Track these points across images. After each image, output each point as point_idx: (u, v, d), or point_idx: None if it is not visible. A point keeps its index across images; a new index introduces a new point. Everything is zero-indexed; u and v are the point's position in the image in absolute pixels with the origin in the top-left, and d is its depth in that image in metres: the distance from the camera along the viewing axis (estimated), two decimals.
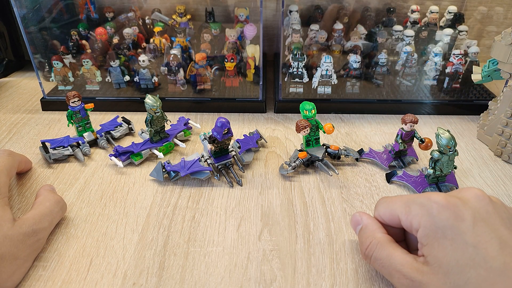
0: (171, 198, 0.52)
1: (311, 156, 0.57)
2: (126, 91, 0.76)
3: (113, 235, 0.46)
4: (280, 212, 0.50)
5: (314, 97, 0.74)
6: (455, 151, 0.50)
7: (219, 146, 0.54)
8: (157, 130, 0.60)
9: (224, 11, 0.86)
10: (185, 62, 0.76)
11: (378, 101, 0.74)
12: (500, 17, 0.84)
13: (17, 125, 0.70)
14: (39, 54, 0.75)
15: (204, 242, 0.46)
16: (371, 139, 0.66)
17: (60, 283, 0.41)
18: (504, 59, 0.59)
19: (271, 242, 0.46)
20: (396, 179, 0.55)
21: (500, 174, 0.58)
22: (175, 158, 0.61)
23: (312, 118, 0.57)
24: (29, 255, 0.41)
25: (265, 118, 0.73)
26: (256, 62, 0.76)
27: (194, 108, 0.74)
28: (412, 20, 0.81)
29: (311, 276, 0.42)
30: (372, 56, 0.78)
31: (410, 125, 0.55)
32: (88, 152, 0.60)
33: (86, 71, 0.74)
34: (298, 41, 0.76)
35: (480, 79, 0.64)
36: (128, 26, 0.80)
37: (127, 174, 0.57)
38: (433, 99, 0.74)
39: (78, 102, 0.60)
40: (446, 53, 0.76)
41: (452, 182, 0.54)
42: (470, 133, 0.68)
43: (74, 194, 0.53)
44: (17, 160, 0.53)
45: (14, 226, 0.41)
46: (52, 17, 0.79)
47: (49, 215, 0.45)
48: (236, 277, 0.41)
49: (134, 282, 0.41)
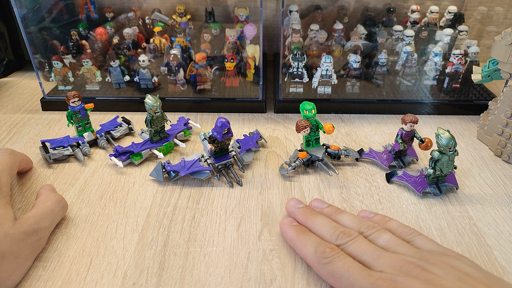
0: (171, 198, 0.52)
1: (311, 156, 0.57)
2: (126, 91, 0.76)
3: (113, 235, 0.46)
4: (280, 212, 0.50)
5: (314, 97, 0.74)
6: (455, 151, 0.50)
7: (219, 146, 0.54)
8: (157, 130, 0.60)
9: (224, 11, 0.86)
10: (185, 62, 0.76)
11: (378, 101, 0.74)
12: (500, 17, 0.84)
13: (17, 125, 0.70)
14: (39, 54, 0.75)
15: (204, 242, 0.46)
16: (371, 139, 0.66)
17: (60, 283, 0.41)
18: (504, 59, 0.59)
19: (271, 242, 0.46)
20: (396, 179, 0.55)
21: (500, 174, 0.58)
22: (175, 158, 0.61)
23: (312, 118, 0.57)
24: (30, 254, 0.41)
25: (265, 118, 0.73)
26: (256, 62, 0.76)
27: (194, 108, 0.74)
28: (412, 20, 0.81)
29: (311, 276, 0.42)
30: (372, 56, 0.78)
31: (410, 125, 0.55)
32: (88, 152, 0.60)
33: (86, 71, 0.74)
34: (298, 41, 0.76)
35: (480, 79, 0.64)
36: (128, 26, 0.80)
37: (127, 174, 0.57)
38: (433, 99, 0.74)
39: (78, 102, 0.60)
40: (446, 53, 0.76)
41: (452, 182, 0.54)
42: (470, 133, 0.68)
43: (74, 194, 0.53)
44: (18, 159, 0.53)
45: (16, 224, 0.41)
46: (52, 17, 0.79)
47: (50, 215, 0.45)
48: (236, 277, 0.41)
49: (134, 282, 0.41)
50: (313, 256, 0.40)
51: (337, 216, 0.45)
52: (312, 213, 0.45)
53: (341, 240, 0.40)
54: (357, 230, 0.42)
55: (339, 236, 0.41)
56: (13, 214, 0.43)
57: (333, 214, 0.46)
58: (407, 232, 0.42)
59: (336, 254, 0.38)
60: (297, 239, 0.42)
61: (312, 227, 0.44)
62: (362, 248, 0.39)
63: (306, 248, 0.41)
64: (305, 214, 0.45)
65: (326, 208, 0.47)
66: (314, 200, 0.49)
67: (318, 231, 0.43)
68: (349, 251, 0.39)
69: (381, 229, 0.42)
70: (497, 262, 0.44)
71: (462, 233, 0.47)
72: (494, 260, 0.44)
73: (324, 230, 0.42)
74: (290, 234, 0.43)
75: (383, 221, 0.44)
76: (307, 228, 0.44)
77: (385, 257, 0.37)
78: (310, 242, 0.41)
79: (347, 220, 0.44)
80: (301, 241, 0.42)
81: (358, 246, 0.39)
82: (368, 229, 0.42)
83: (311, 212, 0.46)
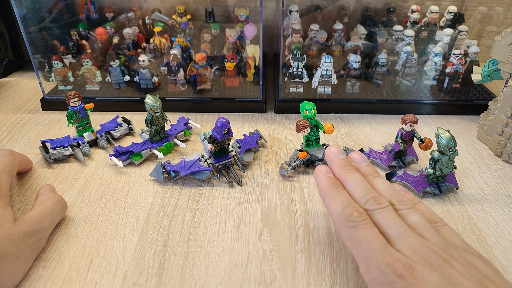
0: (171, 198, 0.52)
1: (311, 156, 0.57)
2: (126, 91, 0.76)
3: (113, 235, 0.46)
4: (280, 212, 0.50)
5: (314, 97, 0.74)
6: (455, 151, 0.50)
7: (219, 146, 0.54)
8: (157, 130, 0.60)
9: (224, 11, 0.86)
10: (185, 62, 0.76)
11: (378, 101, 0.74)
12: (500, 17, 0.84)
13: (17, 125, 0.70)
14: (39, 54, 0.75)
15: (204, 242, 0.46)
16: (371, 139, 0.66)
17: (60, 283, 0.41)
18: (504, 59, 0.59)
19: (271, 242, 0.46)
20: (396, 179, 0.55)
21: (500, 174, 0.58)
22: (175, 158, 0.61)
23: (312, 118, 0.57)
24: (30, 255, 0.41)
25: (265, 118, 0.73)
26: (256, 62, 0.76)
27: (194, 108, 0.74)
28: (412, 20, 0.81)
29: (311, 276, 0.42)
30: (372, 56, 0.78)
31: (410, 125, 0.55)
32: (88, 152, 0.60)
33: (86, 71, 0.74)
34: (298, 41, 0.76)
35: (480, 79, 0.64)
36: (128, 26, 0.80)
37: (127, 174, 0.57)
38: (433, 99, 0.74)
39: (78, 102, 0.60)
40: (446, 53, 0.76)
41: (452, 182, 0.54)
42: (470, 133, 0.68)
43: (74, 194, 0.53)
44: (18, 159, 0.53)
45: (15, 225, 0.41)
46: (52, 17, 0.79)
47: (50, 215, 0.45)
48: (236, 277, 0.41)
49: (134, 282, 0.41)
50: (339, 214, 0.38)
51: (373, 179, 0.43)
52: (350, 168, 0.43)
53: (370, 205, 0.39)
54: (389, 200, 0.40)
55: (369, 201, 0.39)
56: (12, 215, 0.43)
57: (370, 175, 0.44)
58: (435, 219, 0.40)
59: (363, 220, 0.37)
60: (328, 191, 0.41)
61: (345, 182, 0.42)
62: (390, 220, 0.37)
63: (334, 204, 0.39)
64: (342, 167, 0.43)
65: (365, 167, 0.45)
66: (354, 153, 0.46)
67: (350, 189, 0.41)
68: (376, 219, 0.38)
69: (412, 208, 0.40)
70: (497, 261, 0.44)
71: (462, 233, 0.47)
72: (494, 259, 0.44)
73: (357, 190, 0.40)
74: (322, 185, 0.42)
75: (414, 201, 0.43)
76: (340, 182, 0.42)
77: (410, 236, 0.36)
78: (340, 199, 0.39)
79: (382, 186, 0.42)
80: (331, 195, 0.40)
81: (385, 217, 0.37)
82: (400, 204, 0.40)
83: (349, 167, 0.43)
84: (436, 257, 0.34)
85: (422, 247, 0.35)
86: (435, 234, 0.37)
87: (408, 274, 0.32)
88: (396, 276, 0.32)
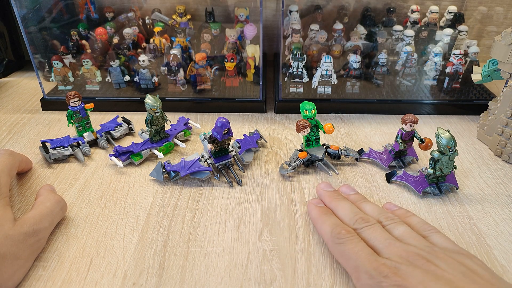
0: (171, 198, 0.52)
1: (311, 156, 0.57)
2: (126, 91, 0.76)
3: (113, 235, 0.46)
4: (280, 212, 0.50)
5: (314, 97, 0.74)
6: (455, 151, 0.50)
7: (219, 146, 0.54)
8: (157, 130, 0.60)
9: (224, 11, 0.86)
10: (185, 62, 0.76)
11: (378, 101, 0.74)
12: (500, 17, 0.84)
13: (17, 125, 0.70)
14: (39, 54, 0.75)
15: (204, 242, 0.46)
16: (371, 139, 0.66)
17: (60, 283, 0.41)
18: (504, 59, 0.59)
19: (271, 242, 0.46)
20: (396, 179, 0.55)
21: (500, 174, 0.58)
22: (175, 158, 0.61)
23: (312, 118, 0.57)
24: (30, 255, 0.41)
25: (265, 118, 0.73)
26: (256, 62, 0.76)
27: (194, 108, 0.74)
28: (412, 20, 0.81)
29: (311, 276, 0.42)
30: (372, 56, 0.78)
31: (410, 125, 0.55)
32: (88, 152, 0.60)
33: (86, 71, 0.74)
34: (298, 41, 0.76)
35: (480, 79, 0.64)
36: (128, 26, 0.80)
37: (127, 174, 0.57)
38: (433, 99, 0.74)
39: (78, 102, 0.60)
40: (446, 53, 0.76)
41: (452, 182, 0.54)
42: (470, 133, 0.68)
43: (74, 194, 0.53)
44: (17, 160, 0.53)
45: (15, 226, 0.41)
46: (52, 17, 0.79)
47: (50, 215, 0.45)
48: (236, 277, 0.41)
49: (134, 282, 0.41)
50: (329, 234, 0.42)
51: (361, 204, 0.48)
52: (338, 198, 0.48)
53: (358, 225, 0.42)
54: (377, 219, 0.44)
55: (357, 221, 0.43)
56: (12, 215, 0.43)
57: (358, 201, 0.48)
58: (426, 228, 0.43)
59: (350, 236, 0.40)
60: (319, 217, 0.45)
61: (335, 210, 0.46)
62: (376, 234, 0.41)
63: (324, 226, 0.43)
64: (331, 197, 0.48)
65: (353, 195, 0.50)
66: (343, 186, 0.51)
67: (340, 214, 0.45)
68: (364, 236, 0.41)
69: (399, 221, 0.43)
70: (496, 261, 0.44)
71: (462, 233, 0.47)
72: (494, 259, 0.44)
73: (345, 214, 0.45)
74: (314, 213, 0.46)
75: (405, 215, 0.46)
76: (331, 210, 0.47)
77: (395, 246, 0.39)
78: (329, 222, 0.43)
79: (370, 209, 0.46)
80: (321, 220, 0.44)
81: (372, 232, 0.41)
82: (387, 220, 0.43)
83: (337, 196, 0.48)
84: (419, 258, 0.37)
85: (406, 253, 0.37)
86: (421, 241, 0.40)
87: (392, 274, 0.35)
88: (382, 277, 0.35)
